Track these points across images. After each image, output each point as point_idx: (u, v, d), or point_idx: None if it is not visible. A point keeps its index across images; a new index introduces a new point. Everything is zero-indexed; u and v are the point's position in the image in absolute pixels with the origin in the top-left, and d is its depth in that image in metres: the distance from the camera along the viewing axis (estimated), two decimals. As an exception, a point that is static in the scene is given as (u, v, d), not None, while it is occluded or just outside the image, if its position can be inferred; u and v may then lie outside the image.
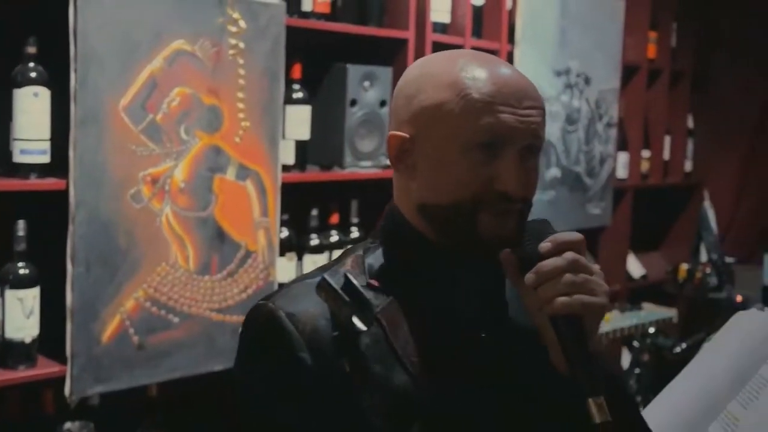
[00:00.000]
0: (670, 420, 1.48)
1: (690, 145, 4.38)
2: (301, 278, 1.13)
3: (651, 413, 1.52)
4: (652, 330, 2.87)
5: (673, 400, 1.53)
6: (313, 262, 2.60)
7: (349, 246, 2.56)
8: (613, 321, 2.88)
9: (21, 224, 2.01)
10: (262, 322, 1.06)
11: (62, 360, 2.05)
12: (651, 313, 3.09)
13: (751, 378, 1.46)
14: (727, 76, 4.35)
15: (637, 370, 2.76)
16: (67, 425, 2.13)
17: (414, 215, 1.10)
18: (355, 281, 1.00)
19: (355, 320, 0.98)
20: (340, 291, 1.00)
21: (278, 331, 1.03)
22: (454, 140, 1.04)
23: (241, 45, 2.28)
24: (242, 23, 2.27)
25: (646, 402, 2.78)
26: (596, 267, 1.04)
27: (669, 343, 2.84)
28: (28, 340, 2.02)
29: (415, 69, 1.12)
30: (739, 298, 3.39)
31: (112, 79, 2.06)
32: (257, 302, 1.09)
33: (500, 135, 1.03)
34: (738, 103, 4.32)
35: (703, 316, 3.50)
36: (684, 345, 2.81)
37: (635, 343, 2.87)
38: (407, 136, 1.08)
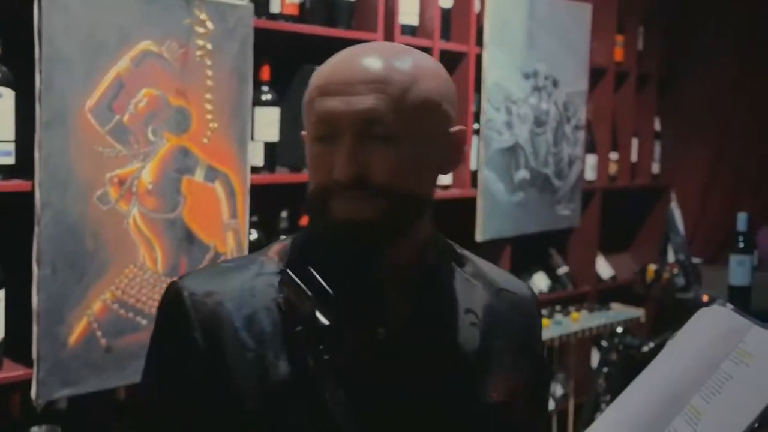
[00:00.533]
0: (634, 414, 1.49)
1: (657, 148, 4.43)
2: (221, 262, 1.17)
3: (616, 409, 1.54)
4: (620, 330, 2.90)
5: (638, 395, 1.54)
6: (282, 263, 2.59)
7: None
8: (582, 321, 2.91)
9: (-14, 226, 1.99)
10: (166, 299, 1.10)
11: (28, 363, 2.03)
12: (619, 313, 3.12)
13: (713, 373, 1.48)
14: (693, 79, 4.40)
15: (605, 369, 2.79)
16: (34, 429, 2.11)
17: None
18: (318, 276, 1.00)
19: (318, 315, 0.98)
20: (302, 285, 1.00)
21: (176, 308, 1.08)
22: (307, 133, 1.08)
23: (209, 46, 2.28)
24: (210, 24, 2.27)
25: (614, 400, 2.80)
26: None
27: (637, 342, 2.87)
28: (-7, 343, 2.00)
29: None
30: (705, 298, 3.43)
31: (78, 80, 2.05)
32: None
33: (329, 123, 1.03)
34: (703, 105, 4.38)
35: (670, 315, 3.53)
36: (652, 344, 2.84)
37: (603, 343, 2.90)
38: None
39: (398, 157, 1.04)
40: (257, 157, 2.55)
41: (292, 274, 1.00)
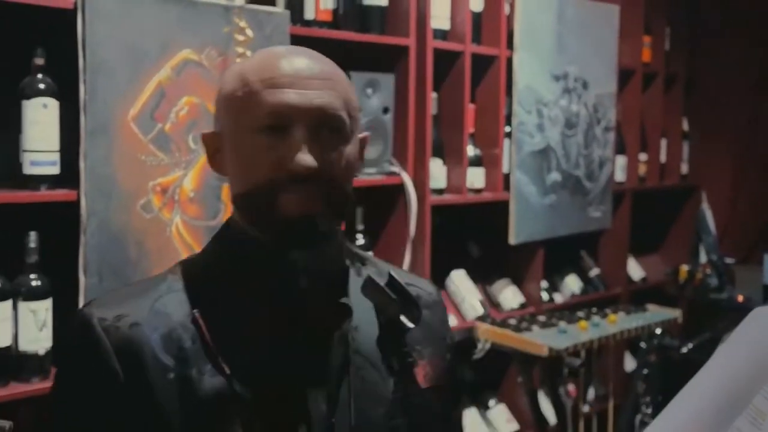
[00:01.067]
0: (693, 416, 1.48)
1: (685, 148, 4.41)
2: (124, 286, 1.14)
3: (672, 411, 1.53)
4: (658, 331, 2.88)
5: (695, 396, 1.53)
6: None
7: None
8: (620, 322, 2.90)
9: (32, 236, 2.00)
10: (73, 328, 1.05)
11: (76, 372, 2.04)
12: (656, 314, 3.10)
13: (774, 372, 1.46)
14: (719, 79, 4.39)
15: (645, 371, 2.78)
16: (81, 438, 2.12)
17: (235, 211, 1.11)
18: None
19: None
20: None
21: (86, 337, 1.02)
22: (243, 126, 1.05)
23: (248, 54, 2.28)
24: (249, 32, 2.28)
25: (654, 401, 2.79)
26: None
27: (676, 344, 2.86)
28: (41, 352, 2.01)
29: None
30: (740, 299, 3.41)
31: (121, 89, 2.06)
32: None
33: (283, 115, 1.03)
34: (730, 104, 4.36)
35: (705, 316, 3.51)
36: (691, 345, 2.83)
37: (642, 344, 2.89)
38: (215, 132, 1.10)
39: (343, 154, 1.06)
40: (294, 164, 2.55)
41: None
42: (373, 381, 1.09)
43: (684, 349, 2.82)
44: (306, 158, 1.01)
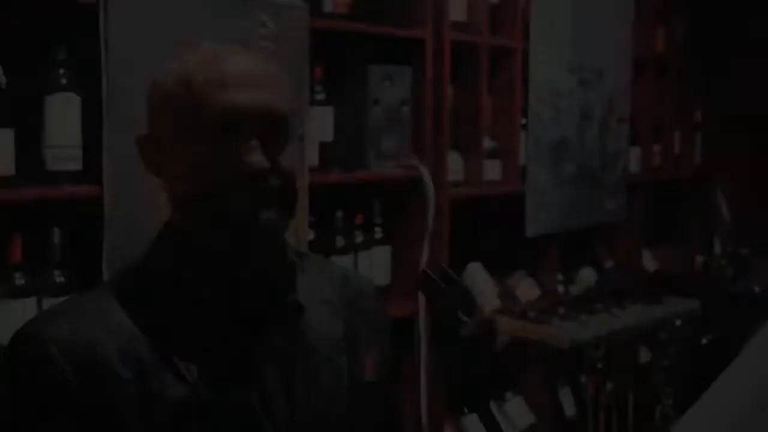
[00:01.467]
0: (729, 407, 1.47)
1: (698, 139, 4.41)
2: (76, 296, 1.13)
3: (707, 402, 1.52)
4: (678, 322, 2.88)
5: (731, 388, 1.52)
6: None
7: (373, 246, 2.53)
8: (639, 314, 2.89)
9: (56, 232, 2.00)
10: (22, 348, 1.00)
11: (101, 368, 2.03)
12: (674, 305, 3.10)
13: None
14: (732, 69, 4.37)
15: (665, 363, 2.78)
16: None
17: (177, 214, 1.10)
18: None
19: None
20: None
21: (38, 354, 0.98)
22: (189, 128, 1.03)
23: (270, 47, 2.27)
24: (270, 25, 2.27)
25: (674, 393, 2.79)
26: None
27: (696, 335, 2.86)
28: (66, 348, 2.00)
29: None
30: (755, 289, 3.41)
31: (143, 84, 2.04)
32: (21, 326, 1.03)
33: (233, 115, 1.01)
34: (744, 95, 4.35)
35: (721, 307, 3.51)
36: (710, 336, 2.83)
37: (662, 336, 2.89)
38: (151, 134, 1.09)
39: (289, 153, 1.06)
40: (312, 157, 2.54)
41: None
42: (329, 376, 1.10)
43: (703, 340, 2.82)
44: (258, 159, 1.00)
